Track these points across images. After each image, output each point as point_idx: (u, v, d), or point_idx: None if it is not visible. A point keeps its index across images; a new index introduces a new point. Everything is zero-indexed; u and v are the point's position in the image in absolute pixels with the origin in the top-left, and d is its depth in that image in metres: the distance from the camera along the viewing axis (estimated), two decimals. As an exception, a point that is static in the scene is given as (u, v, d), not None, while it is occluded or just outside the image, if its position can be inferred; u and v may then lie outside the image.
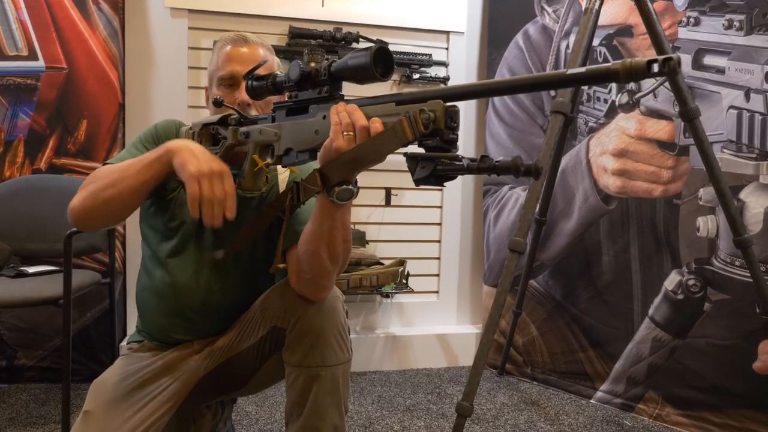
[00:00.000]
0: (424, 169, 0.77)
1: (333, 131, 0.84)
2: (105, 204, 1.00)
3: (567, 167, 2.12)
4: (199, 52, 2.21)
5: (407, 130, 0.77)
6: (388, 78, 0.84)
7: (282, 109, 0.98)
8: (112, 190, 0.99)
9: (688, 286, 1.85)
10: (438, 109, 0.76)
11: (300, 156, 0.95)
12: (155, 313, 1.19)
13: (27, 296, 1.63)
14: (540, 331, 2.24)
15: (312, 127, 0.91)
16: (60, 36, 2.04)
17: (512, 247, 1.49)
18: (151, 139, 1.15)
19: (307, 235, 0.99)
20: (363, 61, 0.81)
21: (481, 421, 1.88)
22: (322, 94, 0.91)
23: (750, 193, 1.72)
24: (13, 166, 2.04)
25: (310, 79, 0.91)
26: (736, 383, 1.75)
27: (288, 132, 0.95)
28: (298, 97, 0.95)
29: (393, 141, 0.79)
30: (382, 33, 2.36)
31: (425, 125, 0.76)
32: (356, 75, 0.84)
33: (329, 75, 0.88)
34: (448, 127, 0.77)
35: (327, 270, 1.01)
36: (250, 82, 1.01)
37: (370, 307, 2.44)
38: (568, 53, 2.14)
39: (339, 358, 1.05)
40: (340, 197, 0.88)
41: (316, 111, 0.92)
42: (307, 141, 0.92)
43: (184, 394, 1.11)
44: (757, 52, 1.70)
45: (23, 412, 1.83)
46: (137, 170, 0.99)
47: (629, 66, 0.60)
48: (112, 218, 1.07)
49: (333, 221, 0.94)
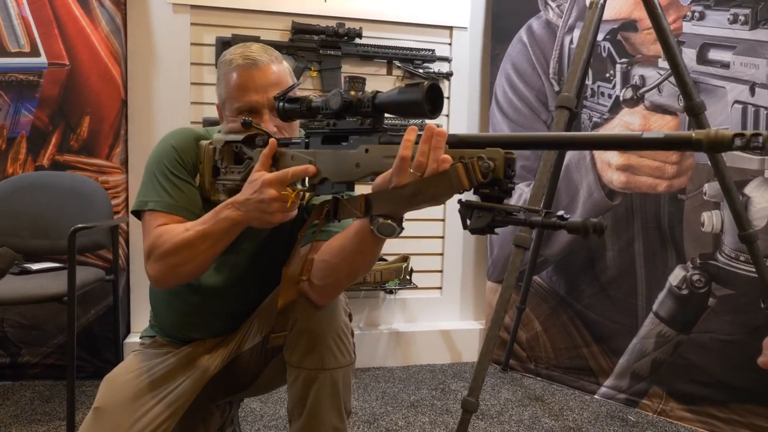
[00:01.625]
0: (480, 219, 0.73)
1: (398, 167, 0.78)
2: (188, 276, 1.04)
3: (571, 163, 2.12)
4: (202, 48, 2.20)
5: (463, 178, 0.73)
6: (437, 116, 0.80)
7: (317, 136, 0.94)
8: (192, 265, 1.00)
9: (692, 281, 1.84)
10: (498, 158, 0.72)
11: (336, 187, 0.91)
12: (168, 310, 1.19)
13: (31, 293, 1.62)
14: (544, 327, 2.24)
15: (353, 160, 0.86)
16: (62, 32, 2.03)
17: (517, 243, 1.48)
18: (176, 163, 1.09)
19: (334, 249, 0.96)
20: (415, 98, 0.78)
21: (485, 416, 1.88)
22: (365, 126, 0.87)
23: (755, 188, 1.72)
24: (15, 163, 2.04)
25: (351, 108, 0.87)
26: (740, 378, 1.74)
27: (325, 162, 0.90)
28: (336, 126, 0.90)
29: (446, 187, 0.74)
30: (385, 28, 2.35)
31: (484, 174, 0.72)
32: (404, 110, 0.81)
33: (373, 107, 0.84)
34: (507, 176, 0.72)
35: (341, 284, 1.00)
36: (282, 104, 0.96)
37: (374, 303, 2.44)
38: (572, 48, 2.14)
39: (339, 361, 1.03)
40: (381, 231, 0.84)
41: (358, 143, 0.87)
42: (347, 173, 0.88)
43: (196, 393, 1.11)
44: (763, 46, 1.69)
45: (28, 409, 1.83)
46: (209, 245, 0.98)
47: (713, 137, 0.58)
48: (195, 278, 1.09)
49: (365, 247, 0.91)
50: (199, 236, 0.98)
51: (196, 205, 1.09)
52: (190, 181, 1.10)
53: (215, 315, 1.17)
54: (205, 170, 1.07)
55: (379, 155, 0.84)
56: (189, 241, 0.98)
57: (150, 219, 1.06)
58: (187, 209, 1.07)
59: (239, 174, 1.03)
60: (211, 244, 0.98)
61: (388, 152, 0.83)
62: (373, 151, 0.85)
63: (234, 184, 1.03)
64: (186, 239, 0.99)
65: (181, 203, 1.07)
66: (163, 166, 1.09)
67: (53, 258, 1.96)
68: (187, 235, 0.99)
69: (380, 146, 0.85)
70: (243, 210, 0.93)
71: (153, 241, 1.02)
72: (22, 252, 1.93)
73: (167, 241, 1.00)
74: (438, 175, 0.75)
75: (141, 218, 1.09)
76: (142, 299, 2.13)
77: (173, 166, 1.09)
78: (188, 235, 0.99)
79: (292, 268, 0.98)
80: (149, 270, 1.03)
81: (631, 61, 1.99)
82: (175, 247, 0.99)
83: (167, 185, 1.07)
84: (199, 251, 0.98)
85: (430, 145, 0.76)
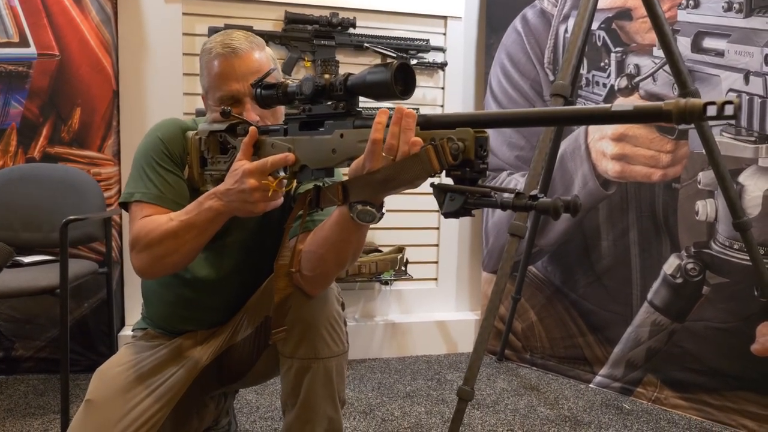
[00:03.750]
0: (453, 202, 0.71)
1: (369, 150, 0.77)
2: (173, 266, 1.03)
3: (566, 152, 2.12)
4: (194, 38, 2.18)
5: (434, 160, 0.71)
6: (408, 97, 0.78)
7: (295, 122, 0.93)
8: (176, 255, 0.99)
9: (687, 269, 1.85)
10: (468, 138, 0.70)
11: (316, 173, 0.90)
12: (160, 302, 1.18)
13: (23, 286, 1.61)
14: (539, 317, 2.25)
15: (329, 146, 0.85)
16: (51, 22, 2.00)
17: (512, 232, 1.48)
18: (163, 155, 1.09)
19: (319, 239, 0.96)
20: (382, 78, 0.75)
21: (481, 406, 1.89)
22: (338, 110, 0.85)
23: (749, 176, 1.72)
24: (6, 155, 2.01)
25: (324, 92, 0.85)
26: (734, 366, 1.76)
27: (303, 149, 0.89)
28: (311, 111, 0.89)
29: (419, 170, 0.73)
30: (378, 18, 2.33)
31: (454, 156, 0.70)
32: (374, 91, 0.78)
33: (345, 90, 0.83)
34: (479, 156, 0.71)
35: (331, 273, 1.00)
36: (259, 90, 0.95)
37: (369, 295, 2.43)
38: (566, 37, 2.13)
39: (332, 350, 1.04)
40: (361, 218, 0.82)
41: (332, 128, 0.86)
42: (324, 159, 0.87)
43: (187, 385, 1.11)
44: (757, 34, 1.69)
45: (22, 402, 1.82)
46: (194, 235, 0.97)
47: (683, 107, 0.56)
48: (180, 269, 1.08)
49: (348, 235, 0.91)
50: (183, 226, 0.97)
51: (183, 196, 1.08)
52: (177, 173, 1.09)
53: (206, 307, 1.16)
54: (193, 161, 1.07)
55: (354, 140, 0.83)
56: (173, 232, 0.97)
57: (136, 210, 1.05)
58: (174, 201, 1.06)
59: (225, 164, 1.02)
60: (195, 235, 0.97)
61: (361, 136, 0.81)
62: (348, 136, 0.83)
63: (220, 174, 1.02)
64: (170, 229, 0.98)
65: (168, 195, 1.06)
66: (149, 158, 1.09)
67: (45, 251, 1.95)
68: (171, 225, 0.98)
69: (354, 130, 0.83)
70: (225, 200, 0.92)
71: (137, 232, 1.01)
72: (14, 245, 1.90)
73: (151, 231, 0.99)
74: (410, 158, 0.74)
75: (128, 210, 1.08)
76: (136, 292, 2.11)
77: (160, 158, 1.09)
78: (172, 226, 0.98)
79: (282, 260, 0.97)
80: (134, 260, 1.02)
81: (625, 50, 1.98)
82: (159, 238, 0.98)
83: (154, 177, 1.07)
84: (183, 241, 0.97)
85: (400, 127, 0.74)
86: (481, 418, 1.80)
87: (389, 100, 0.79)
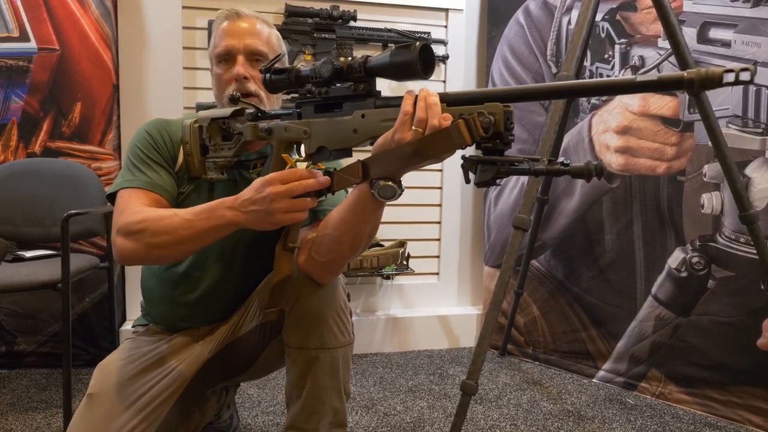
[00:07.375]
0: (485, 172, 0.76)
1: (401, 121, 0.79)
2: (160, 259, 1.02)
3: (569, 145, 2.10)
4: (194, 31, 2.17)
5: (465, 134, 0.75)
6: (430, 75, 0.80)
7: (309, 105, 0.93)
8: (169, 251, 0.96)
9: (691, 263, 1.83)
10: (497, 112, 0.74)
11: (334, 155, 0.90)
12: (160, 300, 1.18)
13: (25, 281, 1.60)
14: (542, 311, 2.23)
15: (350, 126, 0.86)
16: (51, 16, 1.99)
17: (516, 224, 1.47)
18: (151, 147, 1.09)
19: (336, 221, 0.95)
20: (408, 59, 0.77)
21: (483, 401, 1.88)
22: (358, 92, 0.86)
23: (756, 168, 1.70)
24: (7, 150, 2.01)
25: (343, 74, 0.86)
26: (739, 360, 1.74)
27: (321, 130, 0.90)
28: (328, 93, 0.90)
29: (448, 144, 0.76)
30: (379, 11, 2.31)
31: (485, 129, 0.74)
32: (397, 72, 0.80)
33: (365, 71, 0.84)
34: (507, 129, 0.75)
35: (345, 257, 0.99)
36: (269, 75, 0.94)
37: (371, 289, 2.43)
38: (570, 29, 2.10)
39: (339, 341, 1.03)
40: (382, 194, 0.84)
41: (352, 109, 0.87)
42: (344, 140, 0.88)
43: (189, 379, 1.10)
44: (764, 24, 1.66)
45: (24, 397, 1.82)
46: (195, 239, 0.94)
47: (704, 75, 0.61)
48: (166, 264, 1.08)
49: (366, 214, 0.91)
50: (187, 227, 0.94)
51: (173, 187, 1.08)
52: (166, 166, 1.09)
53: (208, 307, 1.15)
54: (193, 149, 1.06)
55: (376, 119, 0.84)
56: (174, 228, 0.94)
57: (126, 195, 1.04)
58: (165, 189, 1.06)
59: (230, 150, 1.02)
60: (197, 238, 0.94)
61: (384, 116, 0.83)
62: (370, 116, 0.85)
63: (225, 160, 1.03)
64: (171, 225, 0.95)
65: (158, 182, 1.06)
66: (137, 150, 1.09)
67: (47, 245, 1.94)
68: (173, 221, 0.95)
69: (376, 110, 0.85)
70: (243, 212, 0.90)
71: (130, 216, 0.99)
72: (15, 240, 1.91)
73: (147, 219, 0.97)
74: (439, 132, 0.77)
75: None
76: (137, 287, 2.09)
77: (148, 149, 1.09)
78: (174, 222, 0.95)
79: (282, 243, 0.97)
80: (119, 243, 0.98)
81: (630, 41, 1.96)
82: (156, 229, 0.95)
83: (143, 167, 1.07)
84: (181, 240, 0.94)
85: (426, 102, 0.78)
86: (484, 413, 1.79)
87: (412, 80, 0.81)
